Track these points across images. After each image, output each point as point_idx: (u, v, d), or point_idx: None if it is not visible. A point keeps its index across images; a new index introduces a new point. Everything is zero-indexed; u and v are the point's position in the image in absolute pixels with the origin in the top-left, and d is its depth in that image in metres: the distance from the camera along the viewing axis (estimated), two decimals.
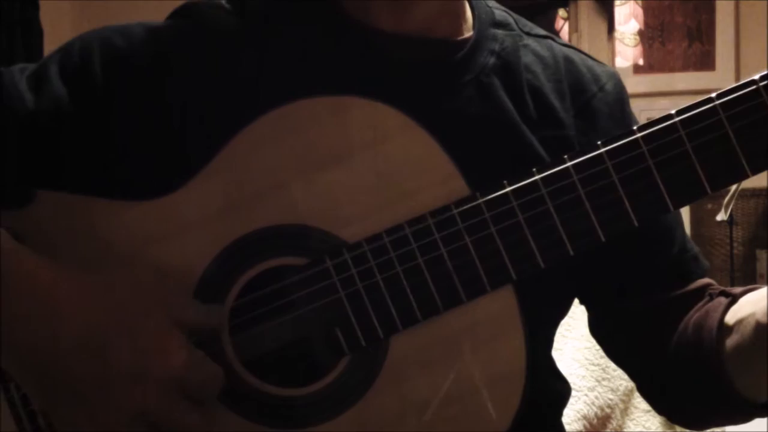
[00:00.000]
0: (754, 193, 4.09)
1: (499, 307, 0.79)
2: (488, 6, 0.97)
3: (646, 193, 0.78)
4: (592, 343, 1.72)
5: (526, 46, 0.95)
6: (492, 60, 0.92)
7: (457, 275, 0.78)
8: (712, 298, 0.92)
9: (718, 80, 4.40)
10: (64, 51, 0.88)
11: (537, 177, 0.78)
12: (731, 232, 3.99)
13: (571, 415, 1.60)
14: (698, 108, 0.77)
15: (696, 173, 0.77)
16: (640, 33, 4.65)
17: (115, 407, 0.72)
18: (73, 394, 0.72)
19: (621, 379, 1.78)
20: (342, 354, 0.79)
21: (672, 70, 4.56)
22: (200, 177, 0.80)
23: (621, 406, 1.77)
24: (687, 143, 0.77)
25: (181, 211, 0.80)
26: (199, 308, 0.78)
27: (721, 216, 3.70)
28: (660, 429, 1.84)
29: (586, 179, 0.78)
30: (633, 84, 4.44)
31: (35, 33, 3.33)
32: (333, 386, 0.79)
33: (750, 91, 0.77)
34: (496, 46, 0.93)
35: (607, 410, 1.72)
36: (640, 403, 1.83)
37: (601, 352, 1.09)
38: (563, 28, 4.87)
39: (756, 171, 0.78)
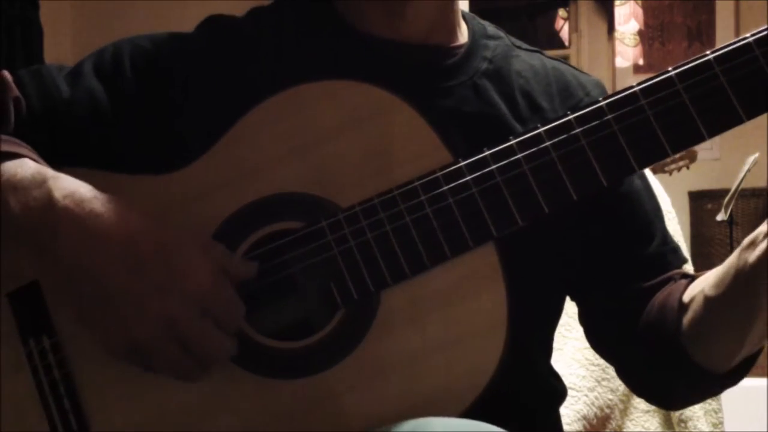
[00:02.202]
0: (754, 193, 4.09)
1: (482, 263, 0.85)
2: (481, 23, 1.04)
3: (610, 156, 0.84)
4: None
5: (517, 56, 1.02)
6: (485, 65, 0.99)
7: (442, 233, 0.84)
8: (675, 281, 0.98)
9: None
10: (99, 52, 0.99)
11: (513, 141, 0.85)
12: (731, 232, 3.98)
13: (571, 415, 1.60)
14: (656, 78, 0.84)
15: (693, 121, 0.83)
16: (640, 33, 4.65)
17: (145, 316, 0.80)
18: (108, 303, 0.80)
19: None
20: (336, 308, 0.85)
21: None
22: (206, 156, 0.89)
23: (620, 406, 1.78)
24: (684, 95, 0.83)
25: (188, 185, 0.89)
26: (227, 252, 0.85)
27: (721, 216, 3.70)
28: (659, 429, 1.84)
29: (558, 144, 0.84)
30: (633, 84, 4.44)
31: (35, 33, 3.33)
32: (328, 338, 0.85)
33: (742, 45, 0.83)
34: (489, 53, 1.00)
35: (607, 410, 1.72)
36: (639, 403, 1.83)
37: None
38: (563, 28, 4.87)
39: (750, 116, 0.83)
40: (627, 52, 4.66)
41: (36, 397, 0.86)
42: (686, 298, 0.94)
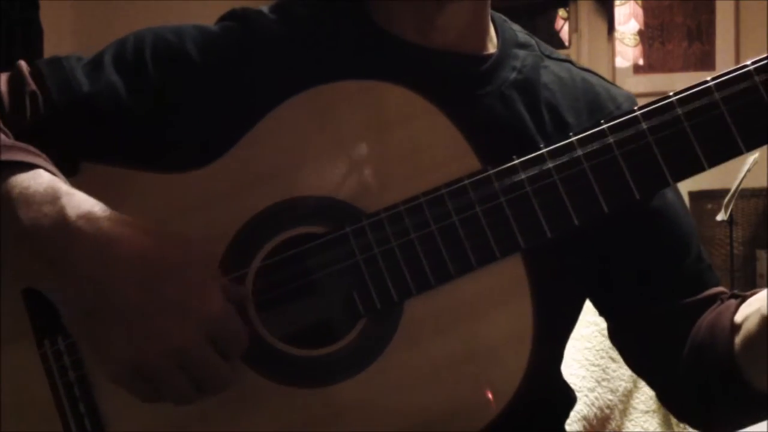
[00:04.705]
0: (754, 193, 4.08)
1: (509, 275, 0.83)
2: (512, 29, 1.02)
3: (645, 168, 0.82)
4: (593, 343, 1.72)
5: (546, 67, 0.99)
6: (513, 75, 0.96)
7: (468, 242, 0.82)
8: (722, 301, 0.95)
9: None
10: (119, 43, 0.96)
11: (544, 150, 0.83)
12: (731, 232, 3.98)
13: (571, 415, 1.60)
14: (694, 89, 0.82)
15: (693, 150, 0.81)
16: (640, 33, 4.65)
17: (154, 336, 0.77)
18: (117, 319, 0.77)
19: (620, 380, 1.78)
20: (358, 317, 0.83)
21: (672, 70, 4.56)
22: (229, 154, 0.87)
23: (620, 406, 1.77)
24: (684, 122, 0.81)
25: (211, 183, 0.86)
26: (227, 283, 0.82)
27: (721, 216, 3.70)
28: (659, 430, 1.84)
29: (590, 154, 0.82)
30: (633, 84, 4.44)
31: (35, 33, 3.33)
32: (350, 347, 0.83)
33: (742, 73, 0.82)
34: (518, 64, 0.97)
35: (607, 411, 1.72)
36: (639, 404, 1.83)
37: (602, 353, 1.10)
38: (563, 28, 4.87)
39: (750, 148, 0.82)
40: (627, 52, 4.66)
41: (50, 399, 0.85)
42: (739, 318, 0.91)
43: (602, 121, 0.83)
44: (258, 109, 0.87)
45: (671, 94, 0.82)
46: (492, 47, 0.99)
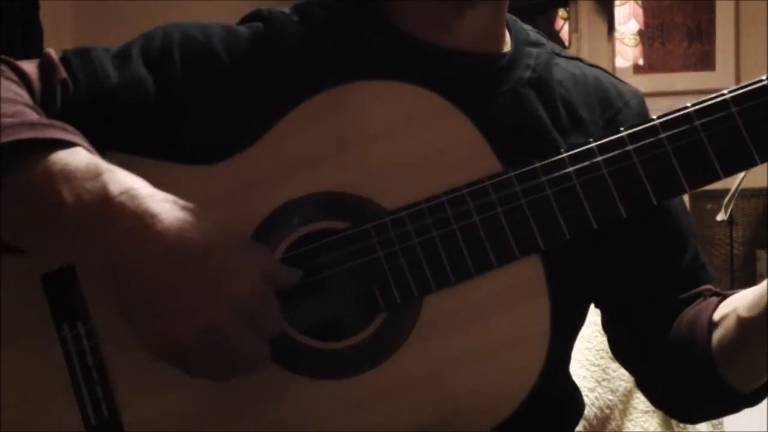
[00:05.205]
0: (754, 193, 4.08)
1: (527, 274, 0.84)
2: (523, 28, 1.03)
3: (663, 175, 0.84)
4: (593, 343, 1.72)
5: (557, 64, 1.01)
6: (528, 73, 0.98)
7: (488, 242, 0.84)
8: (705, 298, 0.98)
9: (718, 80, 4.39)
10: (147, 37, 0.97)
11: (564, 155, 0.84)
12: (731, 232, 3.98)
13: None
14: (711, 101, 0.84)
15: (710, 160, 0.83)
16: (640, 33, 4.65)
17: (187, 316, 0.77)
18: (155, 299, 0.78)
19: (620, 380, 1.78)
20: (378, 311, 0.85)
21: (672, 70, 4.56)
22: (252, 149, 0.88)
23: (620, 406, 1.78)
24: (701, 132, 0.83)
25: (233, 177, 0.88)
26: (272, 256, 0.84)
27: (721, 216, 3.70)
28: (658, 429, 1.84)
29: (610, 160, 0.84)
30: (633, 84, 4.43)
31: (35, 33, 3.33)
32: (369, 341, 0.85)
33: (758, 87, 0.83)
34: (532, 62, 0.99)
35: (607, 411, 1.72)
36: (639, 403, 1.83)
37: (602, 353, 1.11)
38: (563, 28, 4.87)
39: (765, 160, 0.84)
40: (627, 52, 4.66)
41: (68, 383, 0.86)
42: (717, 316, 0.93)
43: (621, 129, 0.85)
44: (281, 106, 0.89)
45: (689, 105, 0.84)
46: (506, 47, 1.00)
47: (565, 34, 4.79)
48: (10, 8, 3.20)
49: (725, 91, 0.84)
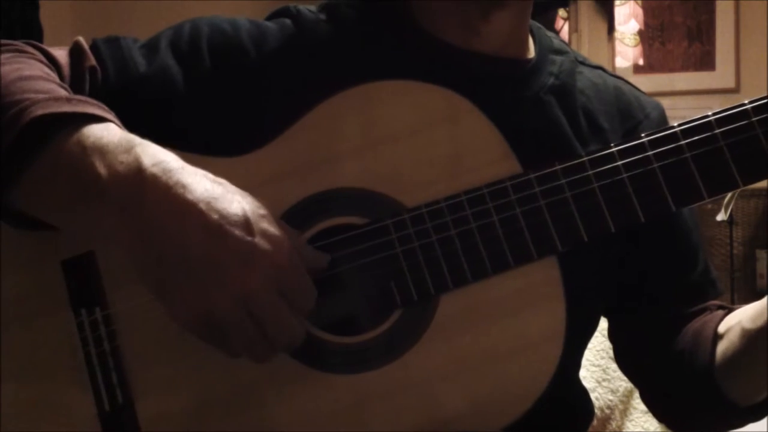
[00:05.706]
0: (754, 193, 4.08)
1: (544, 275, 0.85)
2: (547, 35, 1.04)
3: (683, 182, 0.84)
4: (593, 344, 1.72)
5: (581, 72, 1.02)
6: (551, 80, 0.99)
7: (506, 242, 0.85)
8: (711, 311, 0.99)
9: (718, 80, 4.40)
10: (176, 29, 0.98)
11: (585, 158, 0.85)
12: (731, 232, 3.99)
13: None
14: (732, 110, 0.85)
15: (729, 168, 0.84)
16: (640, 33, 4.65)
17: (224, 285, 0.76)
18: (189, 271, 0.77)
19: (621, 381, 1.78)
20: (395, 307, 0.85)
21: (672, 70, 4.56)
22: (274, 143, 0.89)
23: (620, 407, 1.78)
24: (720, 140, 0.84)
25: (255, 169, 0.89)
26: (302, 238, 0.84)
27: (721, 216, 3.70)
28: (659, 430, 1.84)
29: (630, 164, 0.84)
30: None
31: (35, 33, 3.33)
32: (384, 337, 0.85)
33: None
34: (555, 69, 1.00)
35: (607, 411, 1.72)
36: (639, 404, 1.83)
37: (602, 353, 1.11)
38: (563, 28, 4.87)
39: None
40: (627, 52, 4.66)
41: (83, 368, 0.86)
42: (722, 329, 0.94)
43: (642, 135, 0.85)
44: (306, 103, 0.89)
45: (710, 113, 0.85)
46: (530, 53, 1.01)
47: (565, 34, 4.78)
48: (10, 8, 3.20)
49: (746, 102, 0.85)
